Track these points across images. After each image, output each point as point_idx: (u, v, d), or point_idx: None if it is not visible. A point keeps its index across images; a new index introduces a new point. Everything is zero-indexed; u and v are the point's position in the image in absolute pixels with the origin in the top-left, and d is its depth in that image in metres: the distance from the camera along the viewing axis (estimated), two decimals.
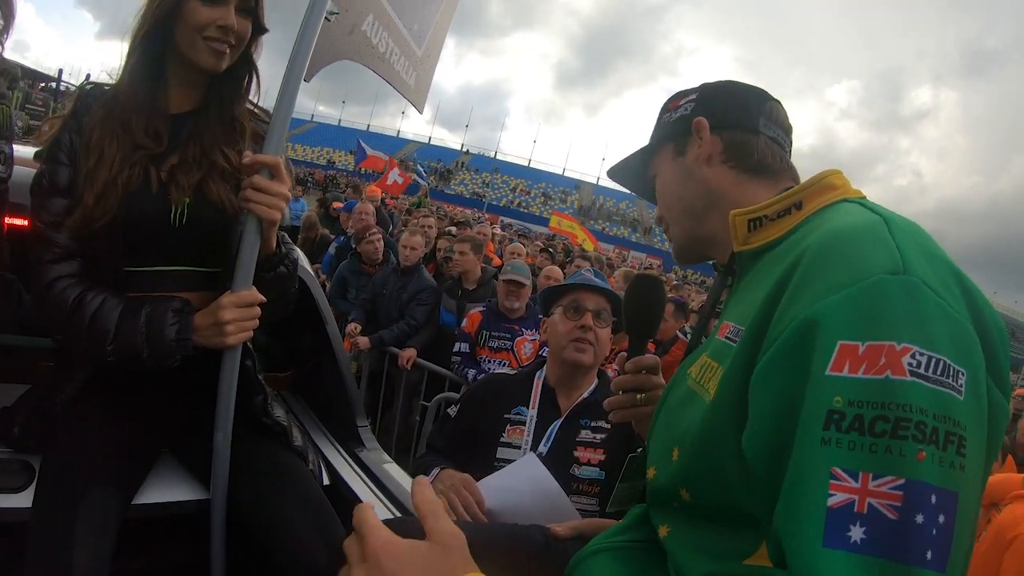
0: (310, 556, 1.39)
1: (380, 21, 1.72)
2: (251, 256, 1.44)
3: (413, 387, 4.82)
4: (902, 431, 0.67)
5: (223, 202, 1.53)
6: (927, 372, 0.68)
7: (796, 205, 1.00)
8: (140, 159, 1.47)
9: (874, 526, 0.65)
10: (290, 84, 1.41)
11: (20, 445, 1.54)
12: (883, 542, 0.65)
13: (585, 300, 2.18)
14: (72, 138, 1.47)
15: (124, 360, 1.44)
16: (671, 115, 1.24)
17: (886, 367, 0.69)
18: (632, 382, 1.37)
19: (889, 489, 0.66)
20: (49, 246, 1.44)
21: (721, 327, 1.02)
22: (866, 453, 0.67)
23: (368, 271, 5.47)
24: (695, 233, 1.20)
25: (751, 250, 1.04)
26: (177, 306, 1.46)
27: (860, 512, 0.66)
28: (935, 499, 0.66)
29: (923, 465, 0.66)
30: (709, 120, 1.15)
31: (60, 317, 1.43)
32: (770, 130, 1.14)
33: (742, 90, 1.19)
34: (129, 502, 1.48)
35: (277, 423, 1.68)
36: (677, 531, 1.00)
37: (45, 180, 1.45)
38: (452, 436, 2.17)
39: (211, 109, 1.58)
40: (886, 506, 0.66)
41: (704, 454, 0.91)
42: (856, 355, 0.70)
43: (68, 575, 1.23)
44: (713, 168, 1.14)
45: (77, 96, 1.52)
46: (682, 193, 1.20)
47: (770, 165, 1.12)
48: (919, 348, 0.69)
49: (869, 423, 0.68)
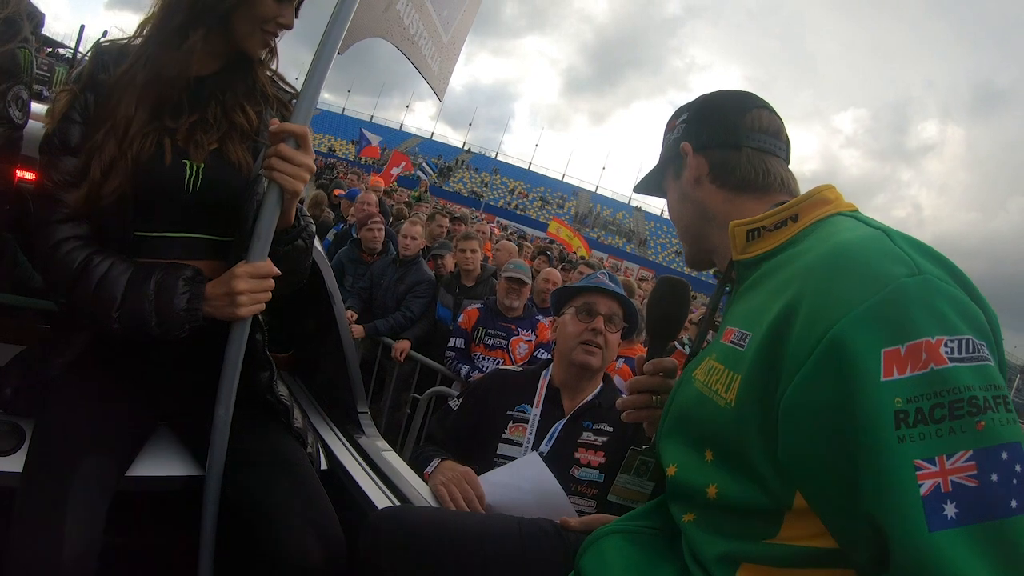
0: (302, 551, 1.36)
1: (413, 3, 1.71)
2: (269, 227, 1.41)
3: (404, 379, 4.79)
4: (958, 410, 0.75)
5: (240, 163, 1.51)
6: (961, 354, 0.78)
7: (792, 218, 1.07)
8: (155, 130, 1.45)
9: (961, 499, 0.73)
10: (324, 55, 1.39)
11: (11, 407, 1.51)
12: (972, 509, 0.73)
13: (598, 303, 2.18)
14: (88, 97, 1.44)
15: (130, 328, 1.40)
16: (668, 137, 1.32)
17: (929, 360, 0.77)
18: (649, 384, 1.37)
19: (963, 463, 0.74)
20: (57, 206, 1.40)
21: (725, 332, 1.07)
22: (935, 439, 0.75)
23: (367, 260, 5.44)
24: (698, 246, 1.28)
25: (749, 259, 1.11)
26: (188, 274, 1.43)
27: (947, 492, 0.74)
28: (1006, 455, 0.74)
29: (984, 432, 0.75)
30: (692, 143, 1.23)
31: (64, 280, 1.39)
32: (755, 140, 1.19)
33: (723, 103, 1.25)
34: (123, 474, 1.45)
35: (280, 401, 1.66)
36: (700, 519, 1.06)
37: (56, 138, 1.42)
38: (453, 429, 2.15)
39: (234, 72, 1.56)
40: (965, 477, 0.74)
41: (736, 455, 0.97)
42: (900, 357, 0.78)
43: (58, 547, 1.19)
44: (702, 188, 1.22)
45: (93, 54, 1.49)
46: (681, 213, 1.29)
47: (755, 180, 1.17)
48: (948, 336, 0.78)
49: (929, 412, 0.76)
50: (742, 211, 1.15)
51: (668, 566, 1.08)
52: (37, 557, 1.18)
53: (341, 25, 1.39)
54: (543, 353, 4.47)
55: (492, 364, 4.38)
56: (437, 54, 1.93)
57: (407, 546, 1.35)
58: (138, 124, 1.42)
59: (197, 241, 1.54)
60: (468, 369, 4.36)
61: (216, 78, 1.54)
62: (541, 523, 1.44)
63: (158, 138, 1.44)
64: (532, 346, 4.52)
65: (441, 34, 1.93)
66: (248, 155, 1.53)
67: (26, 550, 1.19)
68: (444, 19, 1.93)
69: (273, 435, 1.61)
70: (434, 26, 1.87)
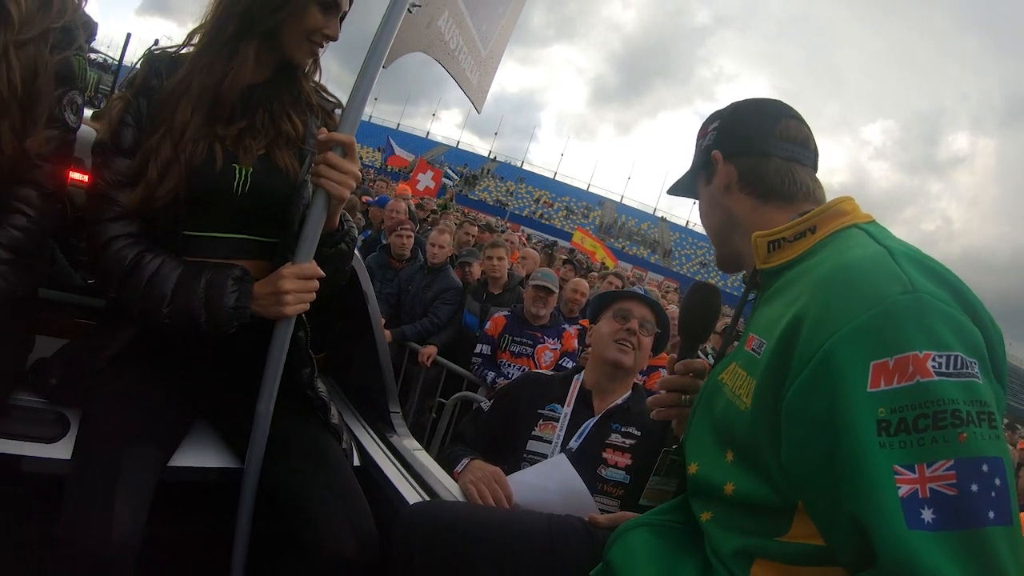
0: (337, 544, 1.40)
1: (454, 18, 1.77)
2: (316, 231, 1.48)
3: (430, 384, 4.85)
4: (941, 421, 0.80)
5: (287, 168, 1.57)
6: (948, 368, 0.82)
7: (811, 229, 1.12)
8: (207, 135, 1.51)
9: (939, 506, 0.78)
10: (370, 68, 1.46)
11: (55, 397, 1.57)
12: (949, 516, 0.77)
13: (633, 308, 2.27)
14: (141, 102, 1.51)
15: (180, 325, 1.47)
16: (700, 143, 1.36)
17: (915, 373, 0.82)
18: (679, 383, 1.42)
19: (943, 471, 0.78)
20: (109, 204, 1.47)
21: (748, 339, 1.12)
22: (916, 448, 0.80)
23: (395, 266, 5.52)
24: (725, 251, 1.33)
25: (771, 268, 1.16)
26: (237, 274, 1.49)
27: (924, 498, 0.78)
28: (986, 467, 0.78)
29: (967, 444, 0.79)
30: (723, 151, 1.27)
31: (115, 277, 1.46)
32: (784, 149, 1.22)
33: (755, 111, 1.29)
34: (166, 463, 1.50)
35: (320, 397, 1.71)
36: (717, 516, 1.11)
37: (110, 140, 1.49)
38: (484, 427, 2.21)
39: (281, 82, 1.63)
40: (944, 486, 0.78)
41: (752, 456, 1.03)
42: (888, 369, 0.83)
43: (108, 529, 1.24)
44: (731, 195, 1.26)
45: (146, 61, 1.56)
46: (710, 218, 1.34)
47: (781, 189, 1.21)
48: (937, 352, 0.82)
49: (913, 422, 0.81)
50: (767, 220, 1.20)
51: (691, 559, 1.13)
52: (88, 538, 1.23)
53: (386, 40, 1.46)
54: (568, 362, 4.51)
55: (517, 371, 4.43)
56: (476, 68, 2.00)
57: (441, 540, 1.40)
58: (192, 129, 1.49)
59: (243, 242, 1.60)
60: (494, 375, 4.41)
61: (264, 87, 1.61)
62: (571, 520, 1.48)
63: (210, 143, 1.51)
64: (557, 354, 4.56)
65: (480, 48, 2.00)
66: (295, 161, 1.59)
67: (77, 531, 1.23)
68: (483, 34, 1.99)
69: (311, 430, 1.66)
70: (473, 41, 1.94)
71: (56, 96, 1.44)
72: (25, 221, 1.41)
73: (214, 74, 1.52)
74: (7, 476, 1.42)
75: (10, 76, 1.33)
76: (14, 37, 1.34)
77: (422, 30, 1.62)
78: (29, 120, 1.38)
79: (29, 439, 1.45)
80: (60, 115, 1.46)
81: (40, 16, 1.39)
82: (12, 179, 1.39)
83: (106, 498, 1.27)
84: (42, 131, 1.41)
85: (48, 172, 1.44)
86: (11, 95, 1.34)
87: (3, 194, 1.39)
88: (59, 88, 1.44)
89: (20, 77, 1.35)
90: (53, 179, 1.46)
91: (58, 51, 1.42)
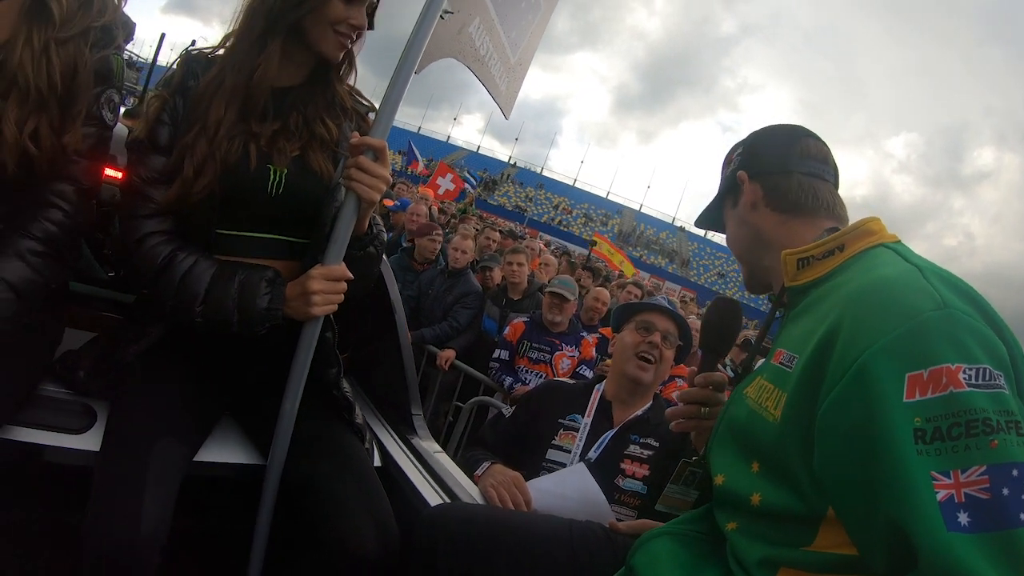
0: (360, 542, 1.41)
1: (484, 25, 1.79)
2: (346, 233, 1.49)
3: (447, 388, 4.87)
4: (974, 429, 0.84)
5: (322, 171, 1.59)
6: (979, 380, 0.86)
7: (839, 247, 1.16)
8: (241, 133, 1.54)
9: (974, 509, 0.81)
10: (402, 73, 1.48)
11: (83, 389, 1.59)
12: (985, 518, 0.81)
13: (657, 320, 2.28)
14: (177, 101, 1.54)
15: (212, 324, 1.49)
16: (725, 170, 1.43)
17: (948, 384, 0.86)
18: (699, 396, 1.44)
19: (977, 476, 0.82)
20: (144, 201, 1.50)
21: (775, 353, 1.15)
22: (951, 455, 0.84)
23: (416, 268, 5.55)
24: (754, 270, 1.37)
25: (800, 285, 1.20)
26: (270, 276, 1.52)
27: (960, 502, 0.82)
28: (1016, 472, 0.82)
29: (998, 450, 0.82)
30: (748, 171, 1.34)
31: (148, 274, 1.49)
32: (804, 165, 1.29)
33: (776, 133, 1.37)
34: (191, 458, 1.52)
35: (345, 397, 1.73)
36: (743, 527, 1.13)
37: (145, 137, 1.52)
38: (505, 434, 2.23)
39: (315, 85, 1.65)
40: (978, 490, 0.82)
41: (780, 467, 1.05)
42: (922, 381, 0.87)
43: (136, 520, 1.25)
44: (758, 213, 1.31)
45: (183, 62, 1.60)
46: (739, 239, 1.38)
47: (804, 203, 1.27)
48: (967, 364, 0.86)
49: (947, 430, 0.85)
50: (793, 235, 1.25)
51: (713, 568, 1.16)
52: (116, 531, 1.24)
53: (419, 46, 1.48)
54: (585, 370, 4.51)
55: (535, 377, 4.44)
56: (505, 74, 2.02)
57: (462, 541, 1.41)
58: (227, 126, 1.51)
59: (275, 242, 1.62)
60: (511, 381, 4.42)
61: (299, 90, 1.63)
62: (591, 525, 1.49)
63: (244, 142, 1.54)
64: (575, 362, 4.56)
65: (509, 55, 2.01)
66: (329, 164, 1.61)
67: (105, 523, 1.25)
68: (512, 41, 2.01)
69: (336, 429, 1.68)
70: (503, 47, 1.96)
71: (95, 94, 1.47)
72: (60, 215, 1.44)
73: (244, 71, 1.54)
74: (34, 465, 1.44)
75: (50, 72, 1.36)
76: (55, 34, 1.37)
77: (453, 36, 1.64)
78: (67, 117, 1.41)
79: (56, 429, 1.47)
80: (98, 113, 1.49)
81: (81, 15, 1.42)
82: (50, 174, 1.41)
83: (135, 492, 1.29)
84: (80, 128, 1.44)
85: (85, 168, 1.48)
86: (50, 91, 1.37)
87: (40, 188, 1.43)
88: (98, 86, 1.48)
89: (60, 74, 1.38)
90: (89, 175, 1.49)
91: (97, 49, 1.46)
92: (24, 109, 1.34)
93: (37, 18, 1.37)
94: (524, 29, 2.09)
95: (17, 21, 1.36)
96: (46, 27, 1.37)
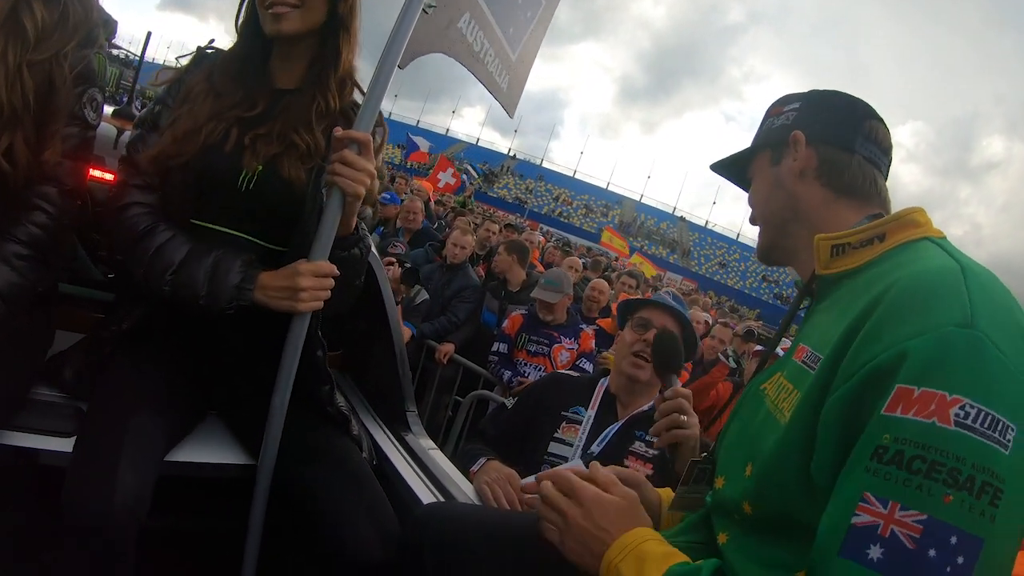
0: (365, 548, 1.41)
1: (477, 21, 1.77)
2: (331, 228, 1.48)
3: (447, 382, 4.86)
4: (936, 473, 0.75)
5: (292, 180, 1.57)
6: (974, 424, 0.75)
7: (879, 237, 1.04)
8: (227, 118, 1.55)
9: (892, 550, 0.75)
10: (384, 68, 1.46)
11: (72, 390, 1.59)
12: (897, 565, 0.75)
13: (654, 317, 2.25)
14: (180, 86, 1.59)
15: (179, 295, 1.48)
16: (773, 121, 1.26)
17: (933, 414, 0.76)
18: (673, 406, 1.52)
19: (912, 522, 0.75)
20: (137, 172, 1.53)
21: (797, 349, 1.06)
22: (899, 485, 0.76)
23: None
24: (777, 242, 1.24)
25: (832, 275, 1.07)
26: (246, 258, 1.52)
27: (882, 535, 0.76)
28: (955, 540, 0.74)
29: (948, 507, 0.74)
30: (806, 133, 1.17)
31: (127, 240, 1.50)
32: (866, 149, 1.15)
33: (846, 104, 1.20)
34: (172, 444, 1.51)
35: (340, 412, 1.72)
36: (734, 540, 1.06)
37: (149, 116, 1.57)
38: (506, 426, 2.22)
39: (306, 90, 1.63)
40: (906, 535, 0.75)
41: (774, 472, 0.97)
42: (910, 398, 0.78)
43: (111, 493, 1.23)
44: (804, 183, 1.17)
45: (196, 55, 1.64)
46: (770, 202, 1.23)
47: (859, 187, 1.14)
48: (971, 401, 0.76)
49: (908, 460, 0.77)
50: (837, 217, 1.13)
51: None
52: (91, 501, 1.22)
53: (401, 40, 1.46)
54: (585, 362, 4.50)
55: (534, 370, 4.43)
56: (506, 72, 1.99)
57: (452, 541, 1.40)
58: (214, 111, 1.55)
59: (246, 243, 1.61)
60: (510, 374, 4.41)
61: (292, 95, 1.63)
62: None
63: (228, 127, 1.55)
64: (574, 354, 4.55)
65: (508, 52, 1.98)
66: (301, 173, 1.58)
67: (80, 493, 1.23)
68: (511, 37, 1.98)
69: (334, 436, 1.67)
70: (500, 44, 1.93)
71: (76, 94, 1.46)
72: (45, 218, 1.43)
73: (232, 75, 1.59)
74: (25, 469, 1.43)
75: (24, 92, 1.35)
76: (28, 56, 1.36)
77: (441, 31, 1.62)
78: (44, 135, 1.41)
79: (46, 433, 1.46)
80: (80, 112, 1.48)
81: (58, 34, 1.41)
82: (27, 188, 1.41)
83: (110, 464, 1.27)
84: (59, 143, 1.43)
85: (68, 169, 1.47)
86: (24, 110, 1.36)
87: (23, 192, 1.41)
88: (79, 86, 1.47)
89: (34, 93, 1.37)
90: (73, 176, 1.49)
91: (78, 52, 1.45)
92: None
93: (12, 34, 1.35)
94: (524, 25, 2.06)
95: None
96: (21, 45, 1.36)
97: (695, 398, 1.63)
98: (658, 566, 1.00)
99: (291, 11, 1.51)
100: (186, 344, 1.64)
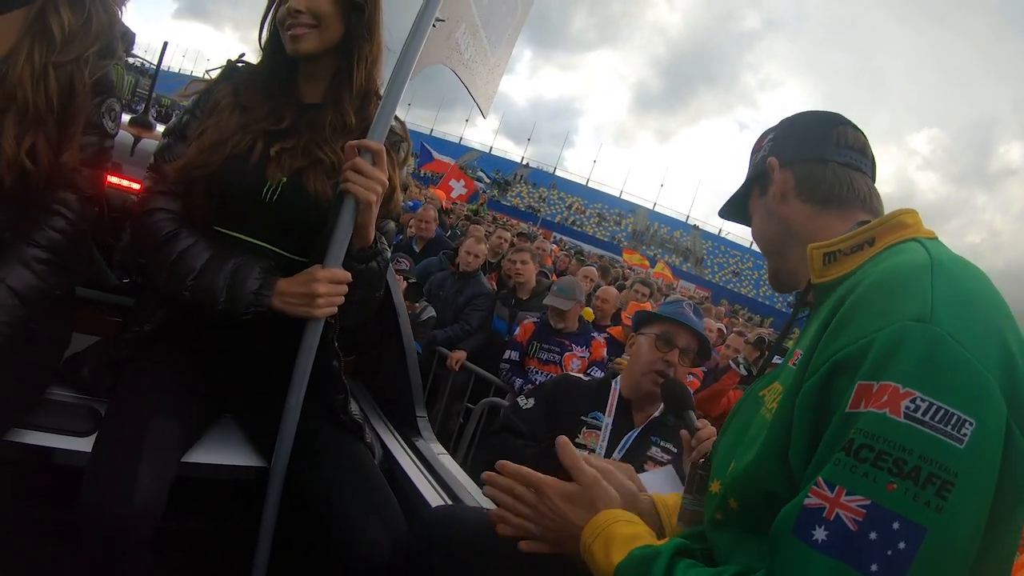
0: (374, 549, 1.42)
1: (469, 30, 1.84)
2: (345, 234, 1.51)
3: (458, 389, 4.88)
4: (881, 462, 0.78)
5: (317, 194, 1.60)
6: (923, 417, 0.78)
7: (869, 241, 1.06)
8: (254, 131, 1.59)
9: (835, 532, 0.79)
10: (397, 81, 1.50)
11: (89, 390, 1.63)
12: (838, 546, 0.78)
13: (678, 337, 2.24)
14: (208, 97, 1.63)
15: (198, 300, 1.52)
16: (755, 156, 1.31)
17: (886, 405, 0.79)
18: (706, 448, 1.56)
19: (856, 506, 0.78)
20: (163, 180, 1.57)
21: (793, 355, 1.07)
22: (846, 472, 0.80)
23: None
24: (781, 267, 1.26)
25: (826, 283, 1.09)
26: (265, 264, 1.55)
27: (827, 518, 0.79)
28: (897, 526, 0.76)
29: (891, 495, 0.77)
30: (779, 158, 1.23)
31: (149, 245, 1.54)
32: (840, 155, 1.18)
33: (812, 119, 1.25)
34: (188, 446, 1.54)
35: (354, 420, 1.74)
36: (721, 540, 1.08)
37: (177, 126, 1.61)
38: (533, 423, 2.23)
39: (328, 106, 1.66)
40: (849, 519, 0.78)
41: (756, 466, 0.99)
42: (870, 392, 0.81)
43: (130, 493, 1.25)
44: (788, 204, 1.20)
45: (225, 68, 1.68)
46: (766, 231, 1.27)
47: (839, 194, 1.16)
48: (921, 394, 0.78)
49: (857, 448, 0.80)
50: (825, 228, 1.15)
51: None
52: (110, 502, 1.25)
53: (413, 54, 1.51)
54: (596, 371, 4.50)
55: (545, 378, 4.42)
56: (486, 75, 2.08)
57: (460, 544, 1.41)
58: (241, 124, 1.59)
59: (269, 252, 1.63)
60: (521, 382, 4.42)
61: (317, 109, 1.66)
62: None
63: (254, 139, 1.59)
64: (585, 363, 4.56)
65: (488, 57, 2.07)
66: (326, 187, 1.60)
67: (99, 495, 1.26)
68: (492, 42, 2.08)
69: (348, 442, 1.70)
70: (484, 49, 2.02)
71: (95, 103, 1.51)
72: (64, 223, 1.47)
73: (257, 88, 1.63)
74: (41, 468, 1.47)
75: (48, 92, 1.40)
76: (54, 58, 1.40)
77: (442, 43, 1.67)
78: (65, 136, 1.45)
79: (63, 432, 1.50)
80: (99, 121, 1.53)
81: (81, 36, 1.45)
82: (46, 188, 1.45)
83: (129, 465, 1.30)
84: (78, 147, 1.47)
85: (86, 176, 1.51)
86: (48, 110, 1.40)
87: (43, 196, 1.46)
88: (98, 96, 1.51)
89: (57, 94, 1.41)
90: (91, 183, 1.53)
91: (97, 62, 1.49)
92: (22, 125, 1.37)
93: (39, 35, 1.40)
94: (502, 32, 2.15)
95: (20, 35, 1.39)
96: (47, 46, 1.40)
97: (706, 405, 1.67)
98: (623, 548, 1.07)
99: (309, 31, 1.55)
100: (204, 348, 1.67)
